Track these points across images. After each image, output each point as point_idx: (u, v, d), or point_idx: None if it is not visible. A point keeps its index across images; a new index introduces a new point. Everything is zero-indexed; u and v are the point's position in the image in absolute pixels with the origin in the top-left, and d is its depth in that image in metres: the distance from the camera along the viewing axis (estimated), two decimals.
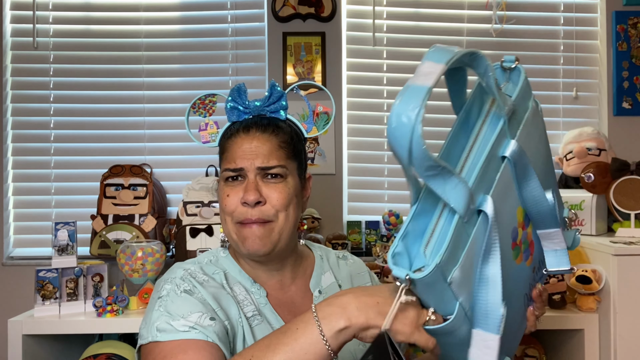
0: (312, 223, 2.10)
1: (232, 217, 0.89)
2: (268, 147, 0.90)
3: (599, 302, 1.60)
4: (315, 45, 2.23)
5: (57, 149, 2.23)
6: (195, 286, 0.85)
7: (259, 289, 0.92)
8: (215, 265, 0.93)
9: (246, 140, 0.91)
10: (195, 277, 0.87)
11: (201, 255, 0.98)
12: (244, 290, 0.91)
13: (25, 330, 1.60)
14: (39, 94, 2.24)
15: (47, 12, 2.24)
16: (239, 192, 0.89)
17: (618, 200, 1.80)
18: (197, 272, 0.89)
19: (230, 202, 0.89)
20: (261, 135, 0.91)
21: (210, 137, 0.99)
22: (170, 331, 0.77)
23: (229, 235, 0.92)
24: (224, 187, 0.91)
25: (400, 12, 2.27)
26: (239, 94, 0.94)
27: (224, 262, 0.95)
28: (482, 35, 2.26)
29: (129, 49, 2.25)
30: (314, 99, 2.30)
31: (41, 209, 2.22)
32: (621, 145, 2.21)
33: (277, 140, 0.92)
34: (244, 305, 0.88)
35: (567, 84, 2.29)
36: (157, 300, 0.83)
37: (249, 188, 0.88)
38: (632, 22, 2.25)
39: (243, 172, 0.89)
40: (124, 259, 1.71)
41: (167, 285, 0.85)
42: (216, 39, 2.26)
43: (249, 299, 0.90)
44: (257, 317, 0.88)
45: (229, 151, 0.91)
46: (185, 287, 0.84)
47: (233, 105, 0.94)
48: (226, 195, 0.90)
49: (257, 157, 0.89)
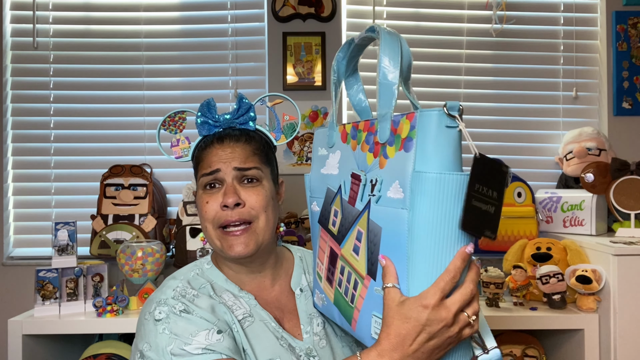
0: None
1: (213, 222, 0.92)
2: (243, 152, 0.94)
3: (599, 302, 1.60)
4: (315, 45, 2.23)
5: (57, 149, 2.23)
6: (188, 305, 0.86)
7: (247, 294, 0.95)
8: (201, 278, 0.95)
9: (220, 149, 0.94)
10: (185, 295, 0.88)
11: (185, 267, 0.98)
12: (232, 296, 0.93)
13: (25, 330, 1.60)
14: (39, 94, 2.24)
15: (47, 12, 2.24)
16: (217, 198, 0.91)
17: (618, 200, 1.80)
18: (186, 288, 0.90)
19: (210, 208, 0.91)
20: (235, 144, 0.95)
21: (182, 152, 1.03)
22: (185, 355, 0.79)
23: (212, 242, 0.94)
24: (203, 196, 0.93)
25: (400, 12, 2.27)
26: (208, 109, 0.98)
27: (210, 273, 0.97)
28: (482, 35, 2.26)
29: (129, 49, 2.25)
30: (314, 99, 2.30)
31: (41, 209, 2.22)
32: (621, 145, 2.21)
33: (251, 147, 0.95)
34: (234, 309, 0.91)
35: (567, 84, 2.29)
36: (157, 323, 0.84)
37: (227, 191, 0.90)
38: (632, 22, 2.25)
39: (220, 175, 0.92)
40: (124, 259, 1.71)
41: (162, 308, 0.85)
42: (216, 39, 2.26)
43: (238, 304, 0.92)
44: (248, 318, 0.91)
45: (204, 160, 0.95)
46: (181, 308, 0.85)
47: (203, 119, 0.97)
48: (205, 202, 0.92)
49: (233, 159, 0.92)
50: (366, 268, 0.73)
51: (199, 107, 0.99)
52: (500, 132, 2.27)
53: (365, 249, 0.73)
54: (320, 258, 0.89)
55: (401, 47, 0.69)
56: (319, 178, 0.89)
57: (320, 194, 0.88)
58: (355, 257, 0.76)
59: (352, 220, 0.77)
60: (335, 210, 0.82)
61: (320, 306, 0.92)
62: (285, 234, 2.04)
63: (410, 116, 0.65)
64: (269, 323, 0.92)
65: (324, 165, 0.87)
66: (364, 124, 0.76)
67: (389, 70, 0.68)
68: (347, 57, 0.83)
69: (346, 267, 0.79)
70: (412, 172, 0.63)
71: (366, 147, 0.74)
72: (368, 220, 0.72)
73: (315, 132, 0.93)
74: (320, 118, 2.22)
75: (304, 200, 2.20)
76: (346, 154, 0.80)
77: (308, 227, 2.10)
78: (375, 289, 0.71)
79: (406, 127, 0.65)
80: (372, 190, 0.71)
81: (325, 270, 0.87)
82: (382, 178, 0.69)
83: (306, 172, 2.21)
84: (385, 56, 0.68)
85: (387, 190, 0.68)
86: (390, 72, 0.68)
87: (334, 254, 0.83)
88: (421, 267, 0.64)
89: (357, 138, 0.77)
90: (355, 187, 0.76)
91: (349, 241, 0.78)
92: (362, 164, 0.75)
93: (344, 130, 0.82)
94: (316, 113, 2.22)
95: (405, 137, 0.65)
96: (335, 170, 0.83)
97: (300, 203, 2.18)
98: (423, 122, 0.63)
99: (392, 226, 0.67)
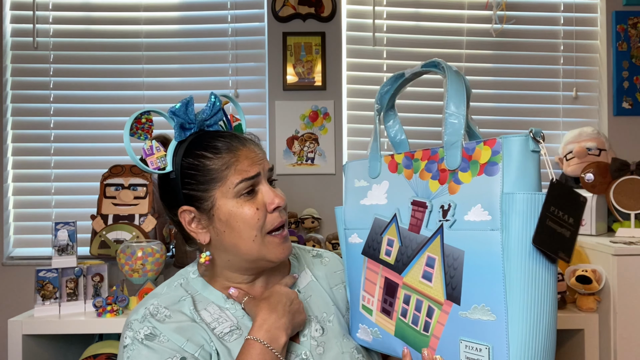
0: (312, 223, 2.10)
1: (263, 229, 0.86)
2: (262, 152, 0.90)
3: (599, 302, 1.60)
4: (315, 45, 2.23)
5: (57, 149, 2.23)
6: (156, 327, 0.83)
7: (233, 303, 0.90)
8: (185, 289, 0.90)
9: (248, 151, 0.87)
10: (156, 315, 0.84)
11: (173, 277, 0.95)
12: (217, 309, 0.88)
13: (25, 330, 1.60)
14: (39, 94, 2.24)
15: (47, 12, 2.24)
16: (259, 203, 0.86)
17: (618, 200, 1.80)
18: (160, 307, 0.86)
19: (261, 214, 0.85)
20: (254, 145, 0.89)
21: (160, 162, 0.87)
22: None
23: (254, 252, 0.86)
24: (244, 204, 0.85)
25: (400, 12, 2.27)
26: (185, 110, 0.87)
27: (195, 283, 0.92)
28: (482, 35, 2.26)
29: (129, 49, 2.25)
30: (314, 99, 2.31)
31: (41, 209, 2.22)
32: (621, 145, 2.21)
33: (260, 146, 0.92)
34: (217, 325, 0.86)
35: (567, 84, 2.29)
36: (123, 350, 0.82)
37: (274, 193, 0.87)
38: (632, 22, 2.25)
39: (259, 179, 0.86)
40: (124, 259, 1.71)
41: (128, 332, 0.83)
42: (216, 39, 2.26)
43: (224, 316, 0.88)
44: (235, 331, 0.86)
45: (235, 164, 0.85)
46: (145, 332, 0.82)
47: (180, 121, 0.87)
48: (256, 209, 0.85)
49: (263, 160, 0.89)
50: (445, 294, 0.73)
51: (172, 107, 0.87)
52: (500, 132, 2.27)
53: (441, 274, 0.74)
54: (368, 291, 0.87)
55: (465, 83, 0.75)
56: (358, 209, 0.89)
57: (361, 225, 0.88)
58: (427, 283, 0.76)
59: (418, 247, 0.77)
60: (390, 240, 0.82)
61: (370, 341, 0.88)
62: None
63: (490, 142, 0.69)
64: None
65: (365, 196, 0.88)
66: (422, 153, 0.79)
67: (456, 104, 0.74)
68: (393, 90, 0.86)
69: (414, 296, 0.78)
70: (501, 194, 0.67)
71: (427, 175, 0.77)
72: (442, 245, 0.73)
73: (347, 165, 0.93)
74: (320, 118, 2.22)
75: (304, 200, 2.20)
76: (397, 183, 0.82)
77: (308, 227, 2.11)
78: (461, 313, 0.71)
79: (486, 153, 0.69)
80: (444, 215, 0.73)
81: (378, 302, 0.85)
82: (456, 203, 0.72)
83: (306, 175, 2.23)
84: (452, 90, 0.74)
85: (465, 214, 0.71)
86: (456, 106, 0.74)
87: (393, 284, 0.82)
88: (518, 283, 0.67)
89: (414, 167, 0.80)
90: (419, 215, 0.77)
91: (415, 269, 0.78)
92: (423, 191, 0.77)
93: (392, 161, 0.84)
94: (316, 113, 2.22)
95: (486, 162, 0.69)
96: (383, 200, 0.84)
97: (300, 203, 2.18)
98: (510, 147, 0.68)
99: (478, 248, 0.69)
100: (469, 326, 0.71)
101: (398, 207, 0.81)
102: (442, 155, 0.75)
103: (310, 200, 2.21)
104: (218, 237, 0.87)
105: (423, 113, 2.24)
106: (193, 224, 0.88)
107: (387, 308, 0.84)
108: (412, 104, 2.24)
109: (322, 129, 2.22)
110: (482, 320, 0.69)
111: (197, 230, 0.88)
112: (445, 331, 0.74)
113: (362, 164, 0.90)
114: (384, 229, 0.84)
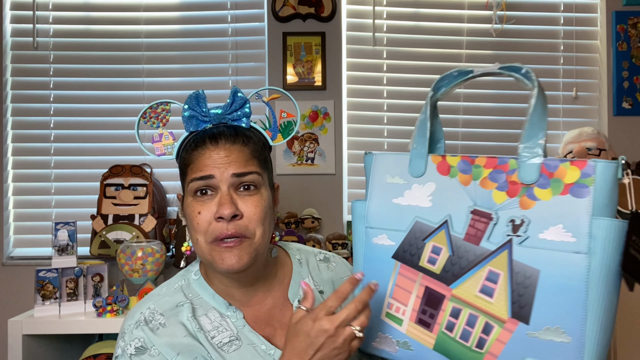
0: (312, 223, 2.10)
1: (206, 236, 0.82)
2: (241, 155, 0.84)
3: None
4: (315, 45, 2.23)
5: (57, 149, 2.23)
6: (147, 338, 0.81)
7: (235, 311, 0.87)
8: (185, 292, 0.88)
9: (215, 151, 0.83)
10: (150, 321, 0.82)
11: (174, 277, 0.92)
12: (218, 316, 0.86)
13: (25, 330, 1.60)
14: (39, 94, 2.24)
15: (47, 12, 2.24)
16: (211, 207, 0.81)
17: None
18: (156, 312, 0.84)
19: (202, 219, 0.81)
20: (232, 146, 0.84)
21: (165, 149, 0.90)
22: None
23: (202, 256, 0.84)
24: (193, 204, 0.83)
25: (400, 12, 2.27)
26: (197, 102, 0.87)
27: (197, 286, 0.89)
28: (482, 35, 2.26)
29: (129, 49, 2.25)
30: (314, 99, 2.31)
31: (41, 209, 2.22)
32: (621, 145, 2.21)
33: (249, 149, 0.85)
34: (217, 333, 0.84)
35: (567, 84, 2.29)
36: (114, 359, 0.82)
37: (223, 201, 0.80)
38: (632, 22, 2.25)
39: (213, 182, 0.82)
40: (124, 259, 1.71)
41: (120, 342, 0.82)
42: (216, 39, 2.26)
43: (224, 325, 0.85)
44: (235, 342, 0.84)
45: (195, 162, 0.84)
46: (136, 345, 0.80)
47: (191, 113, 0.86)
48: (197, 213, 0.82)
49: (230, 164, 0.82)
50: (510, 311, 0.71)
51: (186, 99, 0.88)
52: (501, 132, 2.27)
53: (506, 291, 0.72)
54: (398, 298, 0.82)
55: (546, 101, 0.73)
56: (389, 208, 0.83)
57: (394, 225, 0.82)
58: (486, 299, 0.73)
59: (476, 260, 0.74)
60: (436, 247, 0.78)
61: (395, 353, 0.82)
62: (286, 234, 2.04)
63: (579, 164, 0.68)
64: (257, 347, 0.84)
65: (401, 195, 0.82)
66: (485, 160, 0.75)
67: (538, 123, 0.72)
68: (453, 85, 0.81)
69: (465, 309, 0.75)
70: (590, 218, 0.67)
71: (491, 185, 0.74)
72: (510, 261, 0.71)
73: (375, 158, 0.85)
74: (320, 118, 2.22)
75: (304, 200, 2.20)
76: (449, 187, 0.78)
77: (308, 227, 2.11)
78: (529, 332, 0.70)
79: (573, 173, 0.68)
80: (514, 230, 0.71)
81: (414, 313, 0.80)
82: (531, 219, 0.70)
83: (306, 175, 2.23)
84: (538, 107, 0.72)
85: (540, 232, 0.69)
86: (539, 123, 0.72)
87: (437, 294, 0.78)
88: (597, 307, 0.67)
89: (473, 173, 0.76)
90: (480, 225, 0.74)
91: (471, 282, 0.75)
92: (484, 201, 0.74)
93: (443, 162, 0.79)
94: (316, 113, 2.22)
95: (573, 183, 0.68)
96: (426, 203, 0.79)
97: (300, 203, 2.18)
98: (605, 172, 0.67)
99: (557, 269, 0.68)
100: (537, 347, 0.69)
101: (450, 214, 0.77)
102: (513, 167, 0.72)
103: (310, 200, 2.21)
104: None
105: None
106: (181, 212, 0.91)
107: (425, 320, 0.79)
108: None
109: (322, 129, 2.22)
110: (554, 341, 0.68)
111: (183, 219, 0.90)
112: (507, 350, 0.71)
113: (397, 158, 0.83)
114: (428, 235, 0.78)
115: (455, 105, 2.25)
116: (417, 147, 0.81)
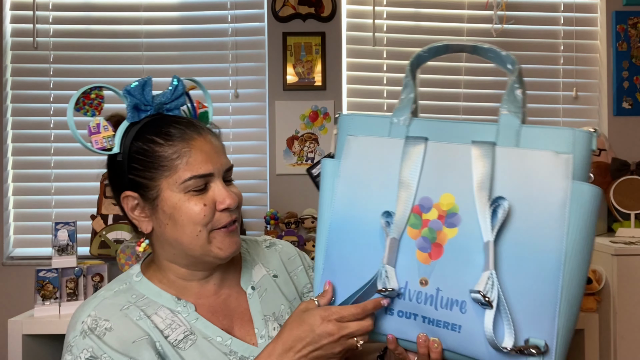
0: (312, 223, 2.10)
1: (207, 227, 0.80)
2: (221, 147, 0.85)
3: (599, 302, 1.60)
4: (315, 45, 2.23)
5: (57, 149, 2.23)
6: (99, 346, 0.76)
7: (185, 305, 0.84)
8: (126, 296, 0.83)
9: (204, 142, 0.82)
10: (94, 329, 0.78)
11: (112, 283, 0.87)
12: (169, 313, 0.83)
13: (25, 330, 1.60)
14: (39, 94, 2.24)
15: (47, 12, 2.24)
16: (209, 199, 0.80)
17: (618, 200, 1.80)
18: (99, 319, 0.79)
19: (208, 211, 0.80)
20: (212, 136, 0.84)
21: (106, 142, 0.82)
22: None
23: (196, 247, 0.81)
24: (193, 199, 0.80)
25: (400, 12, 2.27)
26: (142, 90, 0.83)
27: (140, 287, 0.85)
28: (482, 35, 2.26)
29: (129, 49, 2.25)
30: (314, 99, 2.30)
31: (41, 209, 2.22)
32: (621, 145, 2.21)
33: (220, 139, 0.87)
34: (171, 331, 0.81)
35: (567, 84, 2.29)
36: None
37: (227, 192, 0.81)
38: (632, 22, 2.25)
39: (210, 178, 0.81)
40: (124, 259, 1.71)
41: (67, 356, 0.77)
42: (216, 39, 2.26)
43: (177, 321, 0.82)
44: (190, 337, 0.82)
45: (189, 155, 0.80)
46: (86, 356, 0.76)
47: (134, 101, 0.83)
48: (203, 205, 0.79)
49: (220, 157, 0.83)
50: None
51: (127, 86, 0.83)
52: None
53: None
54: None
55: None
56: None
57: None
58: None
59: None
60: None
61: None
62: (286, 234, 2.04)
63: None
64: (213, 340, 0.82)
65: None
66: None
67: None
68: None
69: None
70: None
71: None
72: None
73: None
74: (320, 118, 2.22)
75: (304, 200, 2.19)
76: None
77: (308, 227, 2.10)
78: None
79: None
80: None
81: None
82: None
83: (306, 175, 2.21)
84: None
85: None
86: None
87: None
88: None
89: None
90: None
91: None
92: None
93: None
94: (316, 113, 2.22)
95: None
96: None
97: (300, 203, 2.18)
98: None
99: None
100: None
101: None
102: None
103: (310, 200, 2.20)
104: (160, 229, 0.82)
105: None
106: (136, 211, 0.83)
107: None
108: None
109: (322, 129, 2.22)
110: None
111: (139, 218, 0.83)
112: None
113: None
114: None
115: (457, 65, 2.26)
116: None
